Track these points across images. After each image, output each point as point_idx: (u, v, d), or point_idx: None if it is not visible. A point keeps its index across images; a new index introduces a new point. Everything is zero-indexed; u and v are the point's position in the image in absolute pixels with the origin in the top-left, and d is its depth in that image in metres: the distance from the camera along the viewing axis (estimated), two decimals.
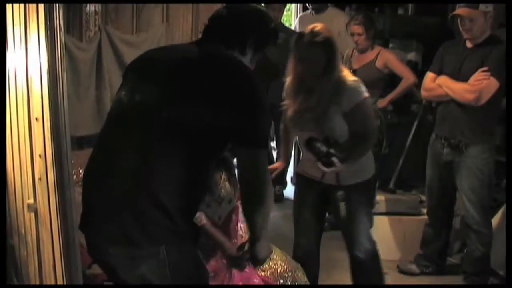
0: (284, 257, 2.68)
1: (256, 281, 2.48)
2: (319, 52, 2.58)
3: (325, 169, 2.60)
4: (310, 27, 2.64)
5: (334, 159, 2.56)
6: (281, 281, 2.56)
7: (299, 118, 2.72)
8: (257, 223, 1.90)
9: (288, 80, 2.78)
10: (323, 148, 2.59)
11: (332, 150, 2.58)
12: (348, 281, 3.56)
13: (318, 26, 2.63)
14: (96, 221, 1.77)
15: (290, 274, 2.59)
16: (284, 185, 5.24)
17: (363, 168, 2.83)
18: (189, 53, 1.87)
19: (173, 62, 1.82)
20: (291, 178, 5.35)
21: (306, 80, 2.68)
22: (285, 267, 2.61)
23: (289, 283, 2.57)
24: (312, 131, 2.68)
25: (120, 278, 1.78)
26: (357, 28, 4.15)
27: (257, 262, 2.08)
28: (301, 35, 2.65)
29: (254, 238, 1.97)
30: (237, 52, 1.88)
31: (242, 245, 2.37)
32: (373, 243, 2.94)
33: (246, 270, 2.43)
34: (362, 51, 4.24)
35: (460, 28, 3.30)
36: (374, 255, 2.95)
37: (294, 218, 3.06)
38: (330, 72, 2.61)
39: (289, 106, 2.78)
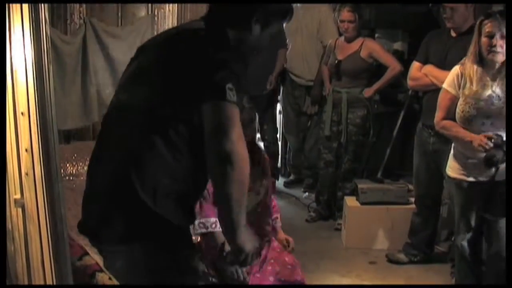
0: None
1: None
2: None
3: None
4: None
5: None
6: None
7: None
8: (230, 195, 1.55)
9: None
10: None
11: None
12: (336, 270, 3.60)
13: None
14: (86, 211, 1.76)
15: None
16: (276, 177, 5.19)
17: None
18: (170, 33, 1.86)
19: (155, 44, 1.82)
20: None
21: None
22: None
23: None
24: None
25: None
26: (350, 15, 4.09)
27: (244, 260, 1.68)
28: None
29: (230, 224, 1.61)
30: (242, 28, 1.74)
31: (221, 246, 2.28)
32: None
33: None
34: (350, 40, 4.20)
35: (442, 17, 3.32)
36: None
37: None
38: None
39: None
